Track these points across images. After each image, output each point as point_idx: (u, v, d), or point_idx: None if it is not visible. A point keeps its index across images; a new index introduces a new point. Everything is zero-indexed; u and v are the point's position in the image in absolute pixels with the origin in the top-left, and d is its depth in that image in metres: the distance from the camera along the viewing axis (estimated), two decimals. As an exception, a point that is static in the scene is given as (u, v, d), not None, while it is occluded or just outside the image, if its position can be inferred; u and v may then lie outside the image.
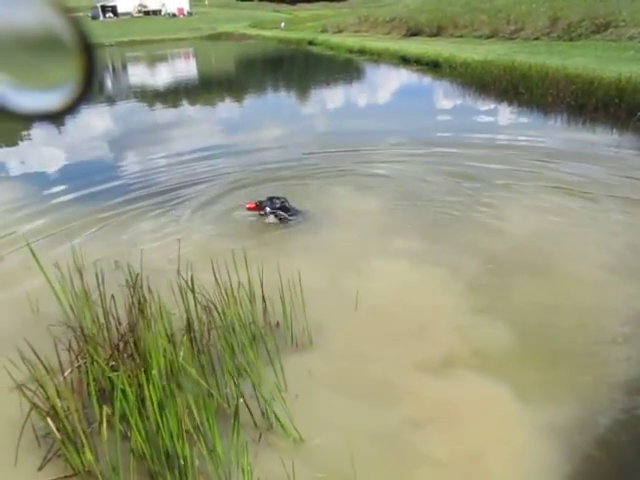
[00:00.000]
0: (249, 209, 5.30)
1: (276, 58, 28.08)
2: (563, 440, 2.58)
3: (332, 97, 14.96)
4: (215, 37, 41.54)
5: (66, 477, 2.48)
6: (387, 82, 16.95)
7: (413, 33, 24.20)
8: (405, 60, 18.40)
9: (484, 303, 3.76)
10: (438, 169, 6.79)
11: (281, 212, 5.23)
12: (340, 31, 30.58)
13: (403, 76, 17.33)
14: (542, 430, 2.64)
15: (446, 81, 14.44)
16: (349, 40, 25.62)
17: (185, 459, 2.18)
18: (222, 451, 2.33)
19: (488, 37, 19.67)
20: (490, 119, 10.47)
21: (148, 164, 8.18)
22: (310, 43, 29.17)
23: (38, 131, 11.61)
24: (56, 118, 0.84)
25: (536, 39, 17.57)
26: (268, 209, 5.22)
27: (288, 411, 2.64)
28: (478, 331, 3.45)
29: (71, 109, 0.81)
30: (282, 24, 40.51)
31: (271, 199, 5.29)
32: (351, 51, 23.21)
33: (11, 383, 2.91)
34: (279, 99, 15.76)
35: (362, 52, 22.10)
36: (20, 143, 10.36)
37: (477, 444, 2.57)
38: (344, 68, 21.12)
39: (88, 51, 0.79)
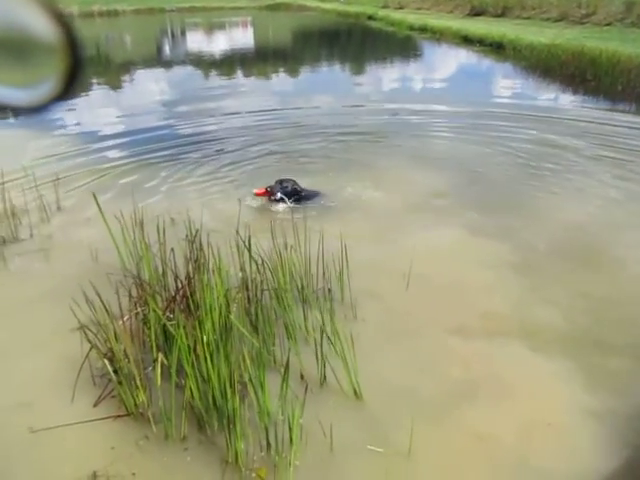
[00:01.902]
0: (257, 195, 4.87)
1: (333, 32, 27.74)
2: (610, 427, 2.52)
3: (389, 74, 14.70)
4: (274, 7, 41.39)
5: (119, 416, 2.58)
6: (448, 61, 16.50)
7: (477, 12, 23.47)
8: (467, 40, 17.90)
9: (538, 284, 3.68)
10: (498, 149, 6.69)
11: (294, 196, 4.87)
12: (401, 7, 29.95)
13: (464, 56, 16.86)
14: (589, 414, 2.58)
15: (509, 64, 13.98)
16: (410, 17, 25.06)
17: (235, 410, 2.24)
18: (271, 406, 2.38)
19: (556, 20, 18.90)
20: (554, 104, 10.09)
21: (205, 128, 8.30)
22: (370, 18, 28.69)
23: (95, 92, 11.93)
24: (36, 112, 0.82)
25: (608, 24, 16.76)
26: (279, 194, 4.82)
27: (336, 374, 2.67)
28: (529, 310, 3.39)
29: (50, 104, 0.80)
30: (342, -4, 39.94)
31: (281, 182, 4.91)
32: (412, 28, 22.70)
33: (73, 324, 3.07)
34: (333, 73, 15.54)
35: (423, 30, 21.59)
36: (78, 103, 10.63)
37: (524, 421, 2.54)
38: (403, 45, 20.72)
39: (73, 48, 0.76)
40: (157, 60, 19.42)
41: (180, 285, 2.88)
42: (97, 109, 10.36)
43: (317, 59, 18.20)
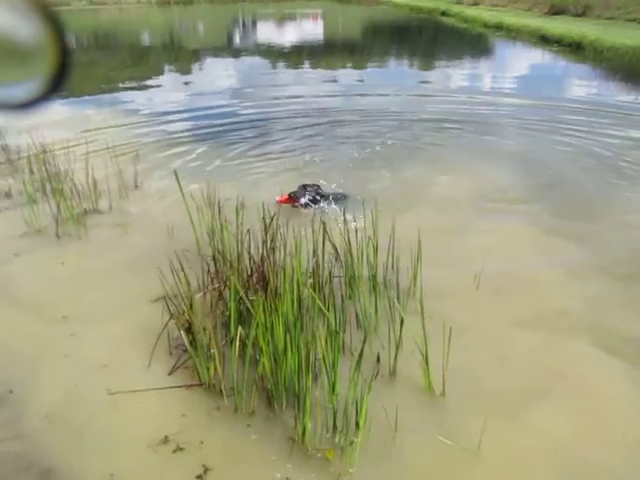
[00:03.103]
0: (280, 202, 4.62)
1: (404, 26, 27.41)
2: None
3: (460, 71, 14.36)
4: (346, 0, 41.27)
5: (191, 385, 2.68)
6: (523, 60, 15.95)
7: (556, 11, 22.60)
8: (544, 39, 17.30)
9: (613, 287, 3.56)
10: (578, 149, 6.50)
11: (319, 201, 4.68)
12: (476, 4, 29.24)
13: (541, 56, 16.29)
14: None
15: (588, 65, 13.42)
16: (485, 14, 24.43)
17: (307, 389, 2.28)
18: (341, 389, 2.42)
19: (643, 22, 17.95)
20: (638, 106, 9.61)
21: (272, 112, 8.48)
22: (443, 13, 28.18)
23: (167, 76, 12.31)
24: (23, 110, 0.78)
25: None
26: (303, 199, 4.64)
27: (407, 364, 2.69)
28: (604, 313, 3.30)
29: (38, 103, 0.77)
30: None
31: (305, 187, 4.74)
32: (486, 25, 22.14)
33: (152, 295, 3.21)
34: (401, 69, 15.29)
35: (498, 27, 21.02)
36: (150, 89, 11.01)
37: (596, 427, 2.47)
38: (476, 43, 20.25)
39: (61, 43, 0.73)
40: (227, 48, 19.80)
41: (256, 265, 2.95)
42: (169, 92, 10.70)
43: (386, 54, 18.02)
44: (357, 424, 2.35)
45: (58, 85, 0.75)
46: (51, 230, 4.30)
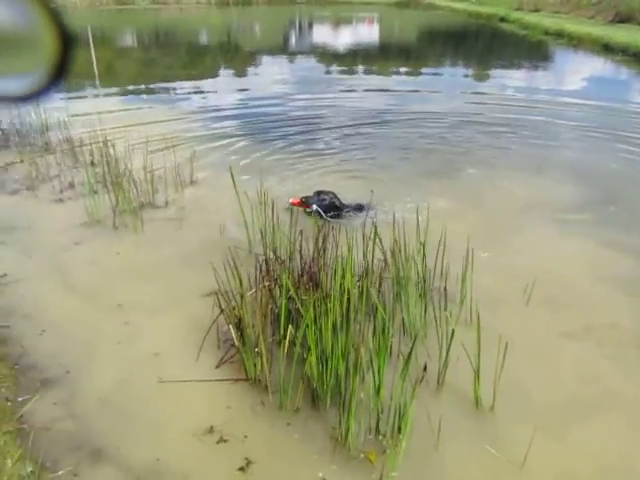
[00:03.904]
0: (293, 204, 4.54)
1: (461, 32, 26.99)
2: None
3: (517, 78, 14.01)
4: (402, 4, 40.97)
5: (238, 380, 2.74)
6: (584, 69, 15.44)
7: (622, 19, 21.75)
8: (608, 48, 16.69)
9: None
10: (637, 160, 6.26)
11: (331, 210, 4.52)
12: (537, 10, 28.47)
13: (604, 65, 15.77)
14: None
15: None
16: (546, 20, 23.77)
17: (353, 390, 2.29)
18: (386, 392, 2.42)
19: None
20: None
21: (326, 115, 8.52)
22: (502, 19, 27.58)
23: (221, 76, 12.54)
24: (25, 102, 0.77)
25: None
26: (315, 206, 4.52)
27: (455, 374, 2.68)
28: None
29: (40, 95, 0.76)
30: (474, -3, 38.69)
31: (319, 193, 4.61)
32: (547, 33, 21.55)
33: (204, 290, 3.30)
34: (455, 77, 15.00)
35: (559, 35, 20.42)
36: (206, 87, 11.25)
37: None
38: (535, 50, 19.75)
39: (62, 33, 0.72)
40: (282, 50, 20.01)
41: (306, 266, 2.99)
42: (225, 91, 10.89)
43: (441, 60, 17.82)
44: (399, 429, 2.35)
45: (59, 77, 0.74)
46: (109, 221, 4.48)
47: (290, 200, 4.60)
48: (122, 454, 2.36)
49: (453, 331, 2.56)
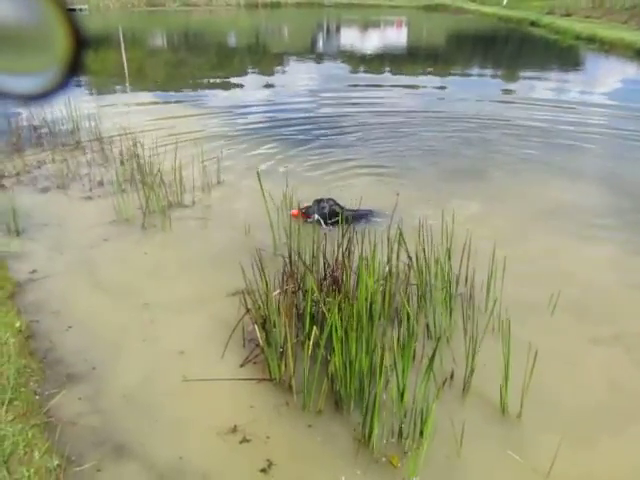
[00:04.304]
0: (293, 216, 4.34)
1: (490, 37, 26.70)
2: None
3: (547, 82, 13.76)
4: (431, 8, 40.70)
5: (262, 379, 2.75)
6: (616, 74, 15.11)
7: (656, 25, 21.30)
8: (641, 54, 16.36)
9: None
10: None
11: (333, 217, 4.33)
12: (569, 15, 28.02)
13: (637, 71, 15.43)
14: None
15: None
16: (578, 25, 23.38)
17: (377, 393, 2.28)
18: (409, 396, 2.41)
19: None
20: None
21: (353, 117, 8.50)
22: (533, 24, 27.21)
23: (249, 78, 12.62)
24: (38, 100, 0.77)
25: None
26: (316, 215, 4.42)
27: (480, 380, 2.65)
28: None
29: (52, 93, 0.76)
30: (505, 0, 38.23)
31: (319, 202, 4.49)
32: (578, 37, 21.19)
33: (230, 289, 3.32)
34: (484, 80, 14.79)
35: (591, 40, 20.06)
36: (234, 88, 11.34)
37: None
38: (566, 55, 19.44)
39: (75, 32, 0.72)
40: (310, 52, 20.06)
41: (330, 269, 2.99)
42: (252, 93, 10.99)
43: (470, 63, 17.65)
44: (421, 432, 2.33)
45: (72, 76, 0.74)
46: (138, 220, 4.54)
47: (291, 211, 4.43)
48: (146, 451, 2.39)
49: (478, 338, 2.52)
